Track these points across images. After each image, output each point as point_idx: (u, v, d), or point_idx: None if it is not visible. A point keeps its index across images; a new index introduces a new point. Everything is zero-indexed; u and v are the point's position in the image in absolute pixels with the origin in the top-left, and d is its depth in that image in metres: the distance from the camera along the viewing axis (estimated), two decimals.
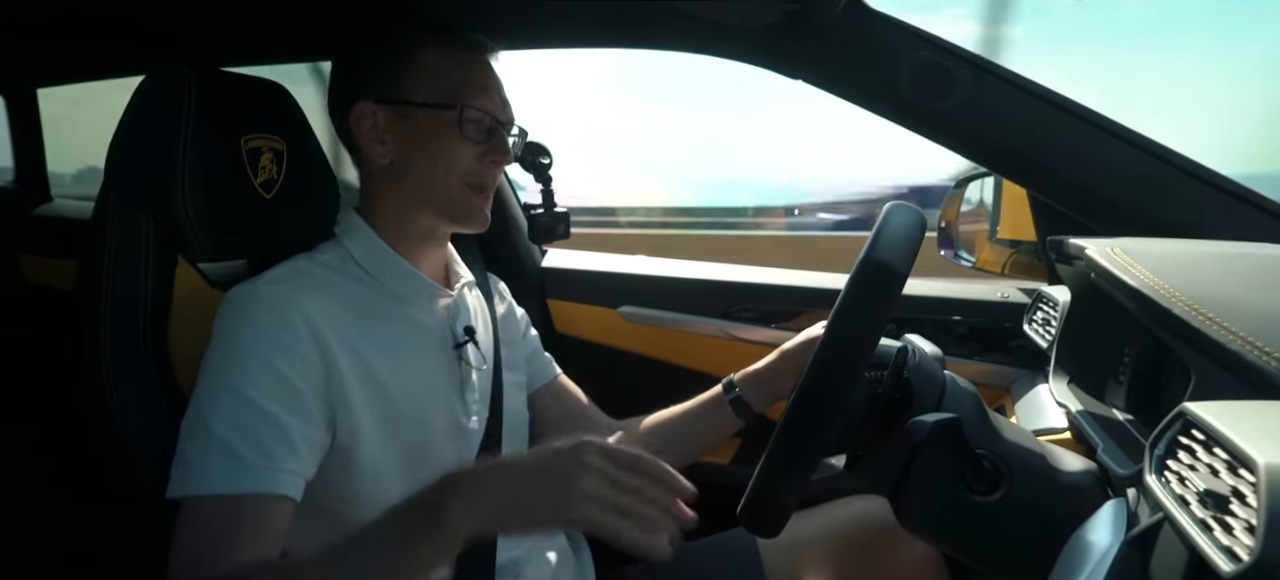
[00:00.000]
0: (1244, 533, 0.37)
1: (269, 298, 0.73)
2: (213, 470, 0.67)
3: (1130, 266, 0.67)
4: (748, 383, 0.96)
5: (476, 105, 0.82)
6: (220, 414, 0.68)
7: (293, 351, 0.71)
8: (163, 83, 0.80)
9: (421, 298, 0.86)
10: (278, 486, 0.68)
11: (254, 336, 0.71)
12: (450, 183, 0.83)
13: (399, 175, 0.83)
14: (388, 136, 0.82)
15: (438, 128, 0.81)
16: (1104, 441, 0.69)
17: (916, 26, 0.99)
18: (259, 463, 0.68)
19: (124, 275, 0.79)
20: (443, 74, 0.82)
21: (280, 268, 0.79)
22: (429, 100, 0.81)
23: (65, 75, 1.76)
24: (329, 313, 0.75)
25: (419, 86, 0.82)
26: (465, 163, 0.83)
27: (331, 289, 0.78)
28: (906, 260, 0.61)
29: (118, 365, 0.77)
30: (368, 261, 0.83)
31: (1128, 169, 0.95)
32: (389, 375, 0.78)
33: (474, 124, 0.82)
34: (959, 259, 1.31)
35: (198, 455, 0.68)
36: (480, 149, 0.83)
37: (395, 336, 0.81)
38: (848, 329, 0.61)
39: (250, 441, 0.68)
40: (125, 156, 0.80)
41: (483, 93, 0.83)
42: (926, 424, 0.64)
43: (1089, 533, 0.56)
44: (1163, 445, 0.47)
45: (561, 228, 1.43)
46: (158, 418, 0.77)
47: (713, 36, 1.07)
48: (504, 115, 0.86)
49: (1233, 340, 0.55)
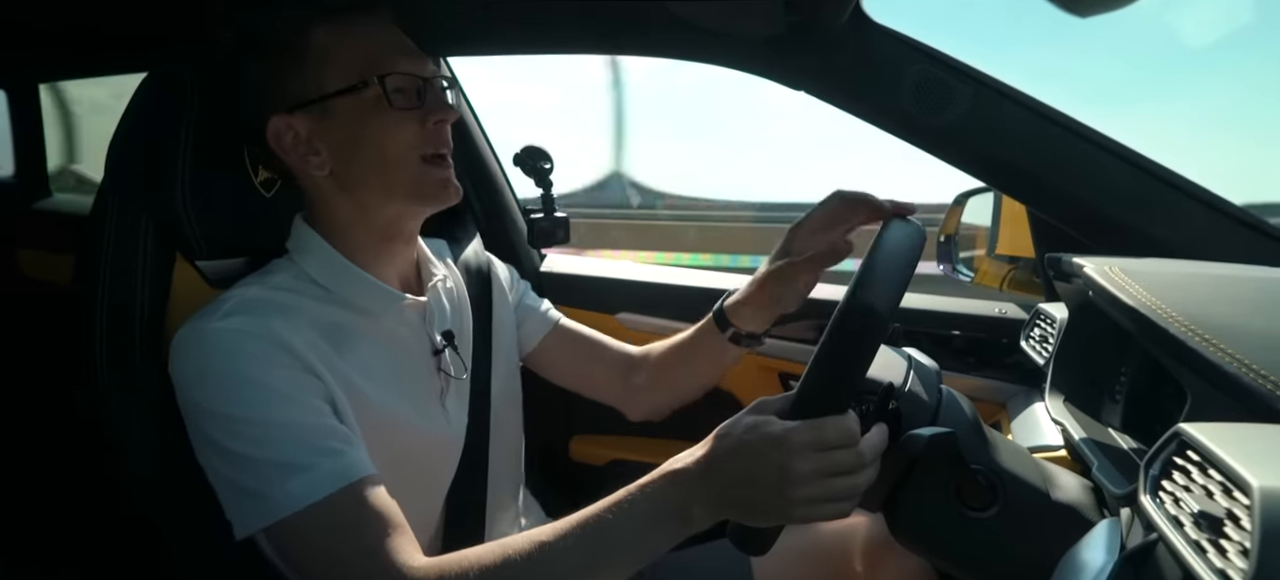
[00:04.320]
0: (1238, 555, 0.36)
1: (232, 337, 0.67)
2: (291, 488, 0.63)
3: (1128, 286, 0.67)
4: (738, 313, 0.90)
5: (396, 70, 0.73)
6: (256, 444, 0.65)
7: (282, 365, 0.68)
8: (164, 81, 0.80)
9: (390, 308, 0.80)
10: (360, 471, 0.66)
11: (244, 367, 0.66)
12: (406, 164, 0.75)
13: (345, 180, 0.76)
14: (317, 143, 0.74)
15: (364, 111, 0.73)
16: (1099, 460, 0.69)
17: (918, 40, 0.99)
18: (326, 462, 0.65)
19: (122, 273, 0.78)
20: (344, 50, 0.73)
21: (232, 299, 0.71)
22: (343, 85, 0.72)
23: (67, 72, 1.77)
24: (302, 334, 0.70)
25: (326, 75, 0.73)
26: (410, 136, 0.74)
27: (295, 313, 0.72)
28: (893, 299, 0.60)
29: (114, 363, 0.77)
30: (326, 278, 0.76)
31: (1127, 188, 0.95)
32: (372, 390, 0.74)
33: (401, 92, 0.74)
34: (958, 274, 1.31)
35: (263, 484, 0.64)
36: (419, 114, 0.75)
37: (371, 353, 0.76)
38: (827, 371, 0.60)
39: (308, 448, 0.65)
40: (125, 154, 0.80)
41: (395, 54, 0.74)
42: (922, 438, 0.64)
43: (1082, 551, 0.56)
44: (1158, 465, 0.47)
45: (560, 233, 1.43)
46: (154, 416, 0.77)
47: (716, 46, 1.08)
48: (427, 70, 0.77)
49: (1229, 362, 0.55)
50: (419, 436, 0.81)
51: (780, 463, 0.57)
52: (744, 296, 0.89)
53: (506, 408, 0.96)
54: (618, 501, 0.62)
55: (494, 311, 0.97)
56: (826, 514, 0.58)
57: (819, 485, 0.57)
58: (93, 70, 1.65)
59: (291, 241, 0.80)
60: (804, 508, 0.58)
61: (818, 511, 0.58)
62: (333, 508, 0.64)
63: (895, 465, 0.66)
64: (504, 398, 0.95)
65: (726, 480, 0.59)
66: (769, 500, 0.58)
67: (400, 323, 0.81)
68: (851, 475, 0.58)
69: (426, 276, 0.87)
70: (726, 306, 0.91)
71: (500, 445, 0.93)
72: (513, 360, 0.99)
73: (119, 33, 1.29)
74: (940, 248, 1.31)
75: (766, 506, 0.59)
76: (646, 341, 1.03)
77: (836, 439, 0.58)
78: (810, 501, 0.57)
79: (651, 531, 0.61)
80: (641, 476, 0.64)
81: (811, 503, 0.57)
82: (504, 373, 0.96)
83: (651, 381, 0.97)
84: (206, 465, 0.68)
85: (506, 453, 0.95)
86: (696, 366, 0.95)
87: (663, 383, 0.97)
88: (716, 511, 0.60)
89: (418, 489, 0.81)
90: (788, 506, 0.58)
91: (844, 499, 0.58)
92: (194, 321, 0.69)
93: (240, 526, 0.66)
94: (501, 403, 0.94)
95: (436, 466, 0.85)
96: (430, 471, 0.84)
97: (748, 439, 0.59)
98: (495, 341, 0.95)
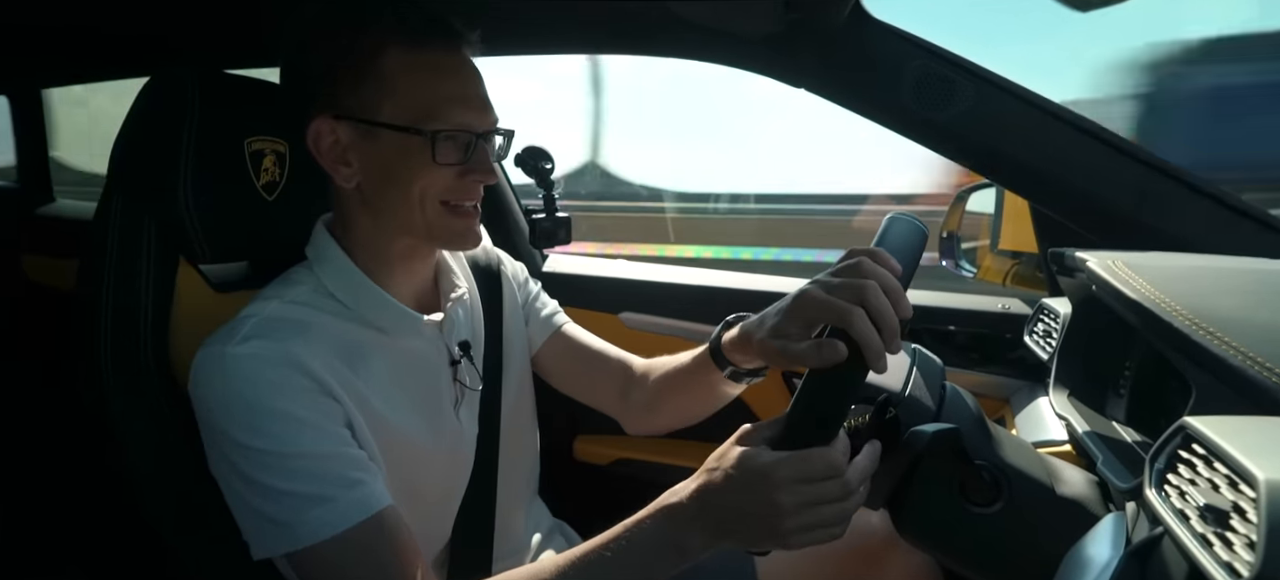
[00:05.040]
0: (1244, 548, 0.36)
1: (252, 364, 0.67)
2: (312, 520, 0.65)
3: (1131, 279, 0.67)
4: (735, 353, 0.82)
5: (451, 124, 0.72)
6: (277, 474, 0.66)
7: (302, 390, 0.68)
8: (166, 85, 0.80)
9: (407, 327, 0.80)
10: (379, 502, 0.68)
11: (265, 396, 0.66)
12: (427, 208, 0.74)
13: (369, 199, 0.76)
14: (352, 157, 0.74)
15: (406, 152, 0.72)
16: (1104, 454, 0.69)
17: (919, 37, 0.99)
18: (347, 493, 0.66)
19: (125, 277, 0.79)
20: (409, 86, 0.71)
21: (252, 319, 0.71)
22: (394, 122, 0.71)
23: (70, 77, 1.77)
24: (320, 356, 0.70)
25: (383, 103, 0.71)
26: (441, 185, 0.74)
27: (313, 331, 0.72)
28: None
29: (118, 367, 0.77)
30: (344, 294, 0.76)
31: (1130, 182, 0.95)
32: (388, 410, 0.75)
33: (449, 144, 0.72)
34: (961, 269, 1.31)
35: (284, 513, 0.65)
36: (458, 168, 0.74)
37: (387, 371, 0.76)
38: (814, 401, 0.60)
39: (330, 479, 0.66)
40: (128, 158, 0.80)
41: (458, 105, 0.73)
42: (926, 434, 0.64)
43: (1088, 546, 0.56)
44: (1163, 459, 0.47)
45: (562, 233, 1.43)
46: (158, 419, 0.77)
47: (716, 44, 1.08)
48: (484, 124, 0.76)
49: (1234, 355, 0.55)
50: (433, 452, 0.81)
51: (768, 496, 0.58)
52: (738, 342, 0.80)
53: (519, 414, 0.95)
54: (615, 537, 0.63)
55: (505, 315, 0.96)
56: (818, 539, 0.60)
57: (808, 514, 0.58)
58: (95, 75, 1.65)
59: (312, 249, 0.80)
60: (796, 536, 0.59)
61: (809, 537, 0.59)
62: (352, 539, 0.66)
63: (898, 463, 0.66)
64: (516, 404, 0.94)
65: (719, 514, 0.60)
66: (760, 530, 0.60)
67: (417, 337, 0.81)
68: (839, 502, 0.59)
69: (446, 288, 0.86)
70: (723, 345, 0.82)
71: (511, 452, 0.92)
72: (525, 364, 0.98)
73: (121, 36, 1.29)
74: (943, 244, 1.31)
75: (759, 536, 0.60)
76: (649, 340, 1.02)
77: (823, 471, 0.58)
78: (800, 529, 0.59)
79: (649, 566, 0.62)
80: (644, 476, 0.64)
81: (802, 530, 0.59)
82: (516, 377, 0.95)
83: (649, 403, 0.94)
84: (226, 486, 0.69)
85: (518, 459, 0.94)
86: (695, 396, 0.90)
87: (661, 407, 0.94)
88: (712, 542, 0.61)
89: (430, 502, 0.81)
90: (779, 536, 0.59)
91: (834, 523, 0.60)
92: (214, 344, 0.69)
93: (258, 549, 0.67)
94: (513, 409, 0.93)
95: (449, 479, 0.85)
96: (443, 484, 0.84)
97: (735, 473, 0.60)
98: (506, 346, 0.94)
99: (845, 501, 0.59)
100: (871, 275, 0.61)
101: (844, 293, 0.61)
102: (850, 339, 0.59)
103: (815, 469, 0.58)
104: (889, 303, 0.60)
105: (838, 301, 0.60)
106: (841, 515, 0.59)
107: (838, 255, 0.66)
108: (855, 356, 0.59)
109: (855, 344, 0.59)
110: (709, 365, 0.84)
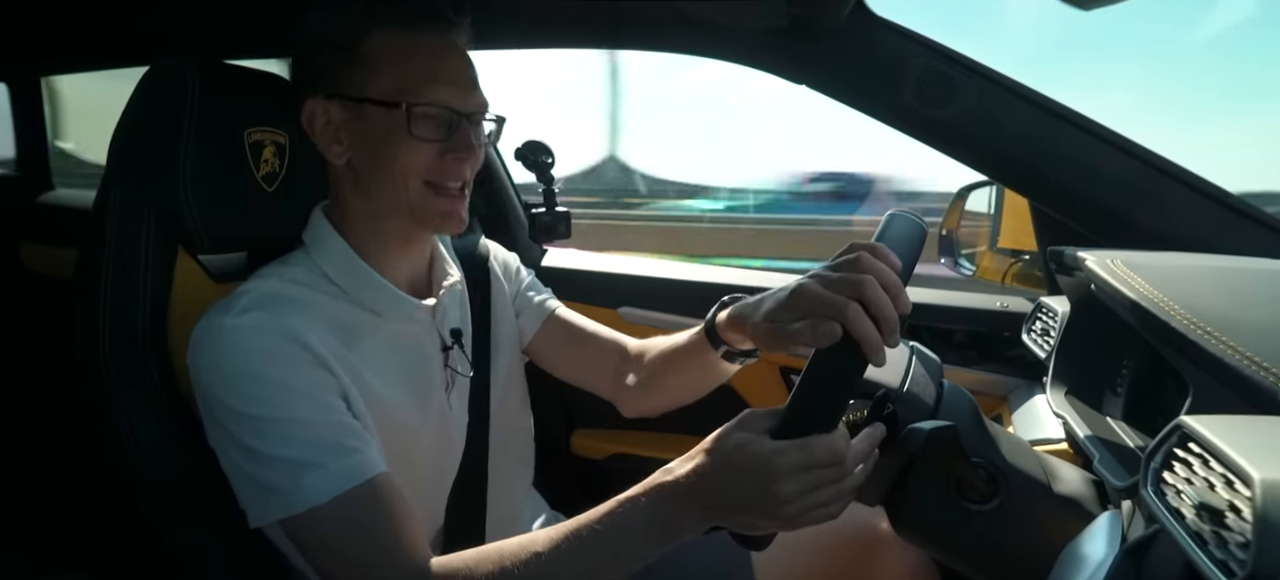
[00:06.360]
0: (1239, 547, 0.37)
1: (249, 334, 0.68)
2: (307, 486, 0.65)
3: (1130, 279, 0.67)
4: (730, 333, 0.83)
5: (429, 100, 0.74)
6: (272, 440, 0.66)
7: (298, 361, 0.69)
8: (166, 75, 0.80)
9: (401, 312, 0.81)
10: (373, 469, 0.68)
11: (261, 364, 0.67)
12: (408, 186, 0.76)
13: (359, 179, 0.78)
14: (342, 135, 0.77)
15: (388, 127, 0.74)
16: (1100, 453, 0.69)
17: (921, 34, 0.99)
18: (341, 459, 0.67)
19: (125, 266, 0.79)
20: (392, 64, 0.74)
21: (249, 293, 0.73)
22: (377, 97, 0.74)
23: (69, 65, 1.77)
24: (316, 330, 0.71)
25: (368, 80, 0.74)
26: (421, 163, 0.75)
27: (309, 308, 0.74)
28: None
29: (116, 356, 0.77)
30: (339, 276, 0.78)
31: (1129, 181, 0.95)
32: (381, 386, 0.76)
33: (427, 121, 0.74)
34: (960, 267, 1.31)
35: (279, 479, 0.66)
36: (438, 146, 0.76)
37: (381, 351, 0.78)
38: (816, 391, 0.60)
39: (324, 445, 0.67)
40: (128, 148, 0.80)
41: (438, 83, 0.75)
42: (923, 431, 0.64)
43: (1084, 544, 0.56)
44: (1159, 458, 0.47)
45: (562, 227, 1.44)
46: (156, 409, 0.77)
47: (718, 40, 1.08)
48: (467, 105, 0.77)
49: (1231, 355, 0.55)
50: (425, 434, 0.81)
51: (767, 484, 0.58)
52: (734, 322, 0.81)
53: (509, 402, 0.96)
54: (609, 511, 0.64)
55: (492, 303, 0.97)
56: (816, 519, 0.60)
57: (807, 498, 0.59)
58: (94, 64, 1.65)
59: (308, 234, 0.81)
60: (793, 519, 0.59)
61: (806, 519, 0.60)
62: (346, 504, 0.66)
63: (895, 460, 0.66)
64: (506, 392, 0.95)
65: (714, 495, 0.61)
66: (757, 514, 0.60)
67: (411, 322, 0.83)
68: (838, 484, 0.60)
69: (440, 275, 0.87)
70: (718, 324, 0.83)
71: (502, 440, 0.93)
72: (515, 353, 0.99)
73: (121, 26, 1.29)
74: (942, 242, 1.31)
75: (755, 519, 0.61)
76: (649, 335, 1.02)
77: (824, 459, 0.59)
78: (799, 513, 0.59)
79: (642, 541, 0.63)
80: (641, 471, 0.65)
81: (800, 513, 0.59)
82: (505, 366, 0.96)
83: (644, 382, 0.96)
84: (222, 455, 0.70)
85: (510, 447, 0.95)
86: (689, 375, 0.92)
87: (656, 386, 0.95)
88: (706, 521, 0.62)
89: (421, 480, 0.81)
90: (776, 520, 0.60)
91: (832, 503, 0.60)
92: (212, 316, 0.70)
93: (254, 517, 0.68)
94: (503, 397, 0.94)
95: (439, 458, 0.85)
96: (434, 468, 0.85)
97: (735, 457, 0.60)
98: (494, 335, 0.95)
99: (842, 484, 0.60)
100: (870, 270, 0.60)
101: (842, 287, 0.60)
102: (848, 333, 0.59)
103: (817, 457, 0.59)
104: (888, 298, 0.60)
105: (836, 295, 0.60)
106: (839, 496, 0.60)
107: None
108: (854, 350, 0.59)
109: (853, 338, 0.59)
110: (704, 345, 0.86)
